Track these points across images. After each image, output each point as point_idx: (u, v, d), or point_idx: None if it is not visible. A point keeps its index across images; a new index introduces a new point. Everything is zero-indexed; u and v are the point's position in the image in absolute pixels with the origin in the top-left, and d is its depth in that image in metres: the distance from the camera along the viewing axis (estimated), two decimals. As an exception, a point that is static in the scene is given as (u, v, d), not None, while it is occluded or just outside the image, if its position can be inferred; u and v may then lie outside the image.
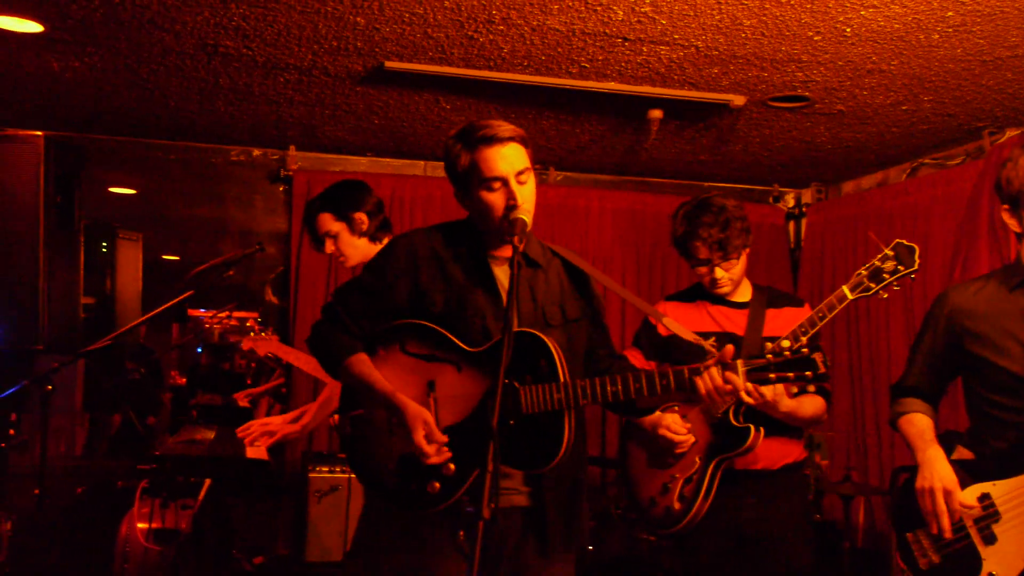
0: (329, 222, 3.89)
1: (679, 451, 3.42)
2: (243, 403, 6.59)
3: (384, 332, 2.80)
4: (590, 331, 2.84)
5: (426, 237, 2.83)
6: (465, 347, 2.67)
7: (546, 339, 2.57)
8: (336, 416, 4.16)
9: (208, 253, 6.75)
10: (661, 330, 3.62)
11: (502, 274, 2.75)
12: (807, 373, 2.43)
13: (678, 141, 6.10)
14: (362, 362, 2.76)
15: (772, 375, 2.44)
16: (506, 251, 2.75)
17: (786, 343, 2.48)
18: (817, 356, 2.43)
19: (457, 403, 2.66)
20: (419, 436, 2.59)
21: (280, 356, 5.13)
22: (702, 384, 2.49)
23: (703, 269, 3.51)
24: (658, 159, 6.67)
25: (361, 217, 3.86)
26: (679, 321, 3.52)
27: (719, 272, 3.48)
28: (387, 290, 2.77)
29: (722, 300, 3.59)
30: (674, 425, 3.38)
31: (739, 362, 2.49)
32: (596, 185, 7.19)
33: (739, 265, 3.50)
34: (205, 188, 6.77)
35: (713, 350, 2.57)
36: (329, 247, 3.92)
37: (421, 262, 2.77)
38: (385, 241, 3.93)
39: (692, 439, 3.41)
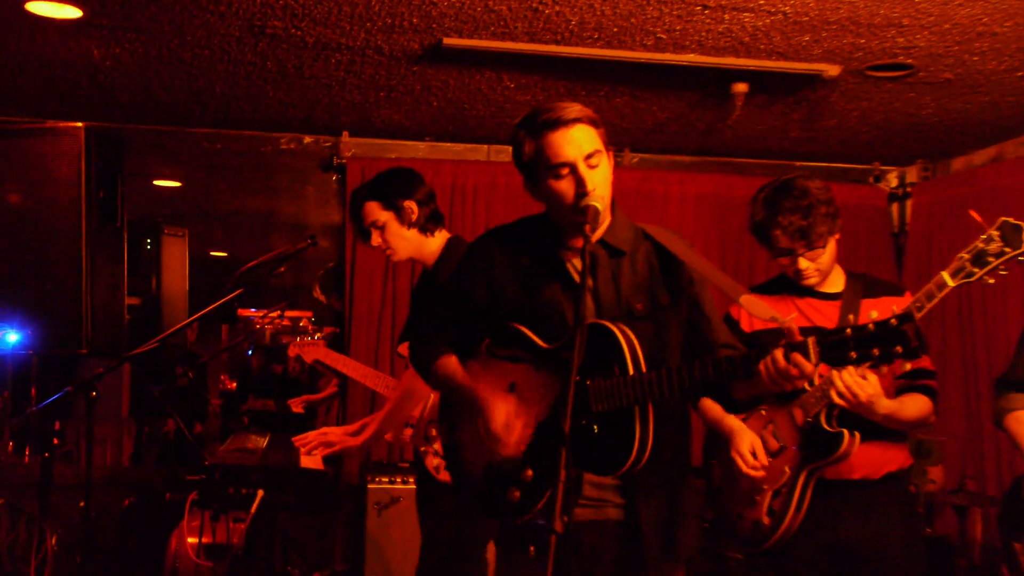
0: (376, 211, 3.93)
1: (749, 479, 3.41)
2: (297, 409, 6.69)
3: (470, 336, 2.90)
4: (689, 319, 2.83)
5: (499, 236, 2.89)
6: (543, 344, 2.71)
7: (613, 328, 2.57)
8: (407, 431, 4.21)
9: (257, 248, 6.87)
10: (744, 324, 3.59)
11: (577, 264, 2.77)
12: (896, 348, 2.21)
13: (766, 117, 6.04)
14: (448, 363, 2.88)
15: (852, 353, 2.27)
16: (579, 241, 2.76)
17: (875, 314, 2.36)
18: (908, 328, 2.20)
19: (535, 404, 2.69)
20: (497, 422, 2.65)
21: (328, 364, 5.20)
22: (764, 368, 2.44)
23: (785, 260, 3.48)
24: (744, 137, 6.60)
25: (411, 206, 3.90)
26: (767, 314, 3.49)
27: (803, 262, 3.43)
28: (467, 296, 2.87)
29: (810, 291, 3.55)
30: (748, 455, 3.36)
31: (810, 340, 2.37)
32: (675, 167, 7.14)
33: (826, 254, 3.45)
34: (254, 179, 6.88)
35: (792, 327, 2.50)
36: (376, 239, 3.96)
37: (496, 261, 2.83)
38: (436, 234, 3.97)
39: (762, 473, 3.38)
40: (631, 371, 2.54)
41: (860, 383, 3.17)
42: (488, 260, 2.84)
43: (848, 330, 2.27)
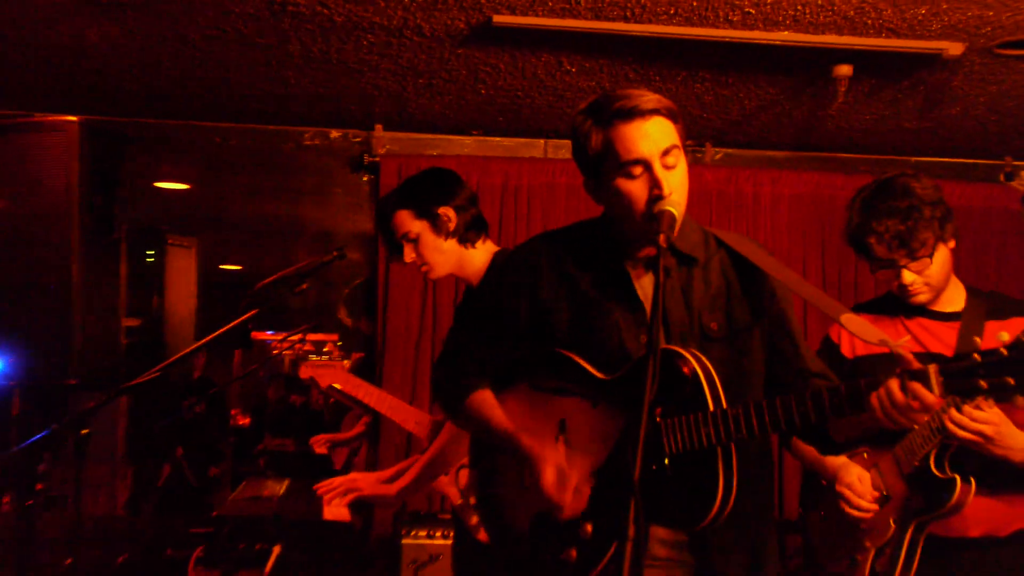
0: (408, 221, 3.94)
1: (858, 523, 3.38)
2: (320, 450, 6.73)
3: (509, 365, 2.89)
4: (771, 342, 2.82)
5: (548, 243, 2.89)
6: (598, 375, 2.70)
7: (687, 354, 2.57)
8: (443, 478, 4.21)
9: (277, 261, 6.92)
10: (845, 350, 3.56)
11: (646, 282, 2.76)
12: None
13: (874, 105, 6.00)
14: (483, 401, 2.87)
15: (982, 383, 2.25)
16: (650, 252, 2.76)
17: (1005, 336, 2.28)
18: None
19: (592, 446, 2.68)
20: (548, 481, 2.63)
21: (348, 392, 5.19)
22: (877, 401, 2.41)
23: (886, 273, 3.46)
24: (848, 129, 6.56)
25: (447, 213, 3.91)
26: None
27: (907, 275, 3.41)
28: (506, 315, 2.86)
29: (922, 310, 3.53)
30: (856, 484, 3.33)
31: (932, 368, 2.35)
32: (766, 165, 7.11)
33: (936, 264, 3.42)
34: (272, 181, 6.94)
35: (905, 353, 2.46)
36: (409, 254, 3.96)
37: (542, 274, 2.83)
38: (479, 244, 3.98)
39: (871, 511, 3.35)
40: (711, 406, 2.53)
41: (982, 416, 3.14)
42: (534, 272, 2.84)
43: (976, 355, 2.24)
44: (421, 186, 3.98)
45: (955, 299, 3.55)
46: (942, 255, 3.44)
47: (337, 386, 5.23)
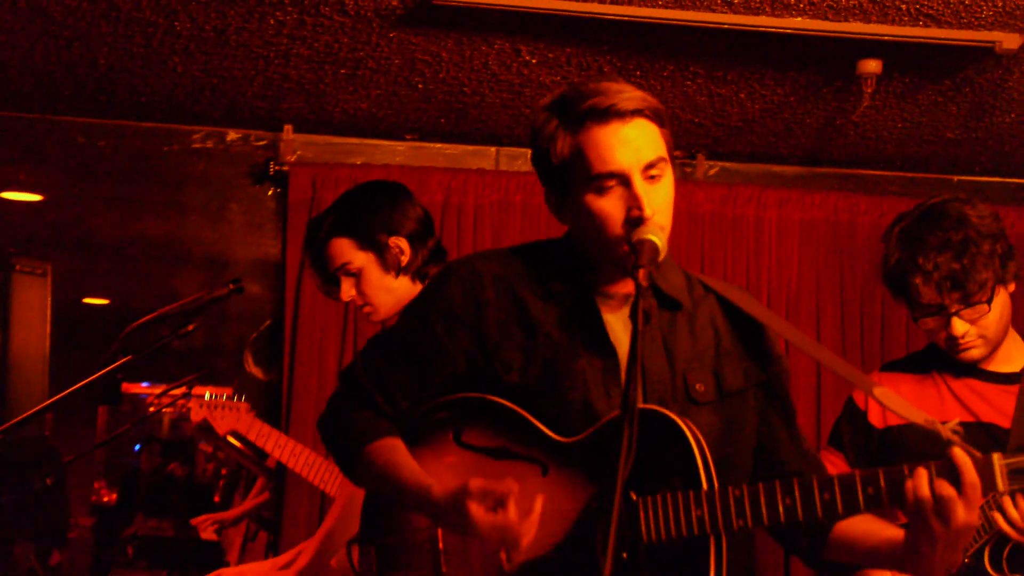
0: (348, 251, 3.92)
1: None
2: (207, 534, 6.67)
3: (430, 412, 2.82)
4: (764, 414, 2.83)
5: (498, 264, 2.83)
6: (555, 436, 2.66)
7: (680, 421, 2.55)
8: (334, 560, 4.17)
9: (156, 295, 6.88)
10: (874, 418, 3.57)
11: (618, 323, 2.73)
12: None
13: (908, 110, 6.04)
14: (392, 449, 2.77)
15: None
16: (626, 286, 2.74)
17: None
18: None
19: (539, 527, 2.65)
20: (479, 517, 2.46)
21: (254, 441, 5.13)
22: (911, 490, 2.39)
23: (932, 322, 3.47)
24: (875, 140, 6.61)
25: (398, 244, 3.90)
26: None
27: (959, 325, 3.42)
28: (436, 348, 2.80)
29: (974, 370, 3.54)
30: None
31: (995, 456, 2.36)
32: (772, 182, 7.16)
33: (995, 312, 3.43)
34: (151, 192, 6.90)
35: (953, 435, 2.48)
36: (347, 291, 3.95)
37: (489, 304, 2.77)
38: None
39: None
40: (704, 483, 2.52)
41: None
42: (479, 296, 2.78)
43: None
44: (365, 207, 3.96)
45: (1014, 356, 3.57)
46: (1002, 300, 3.45)
47: (241, 433, 5.17)
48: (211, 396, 5.46)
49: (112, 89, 6.13)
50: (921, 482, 2.38)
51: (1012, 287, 3.48)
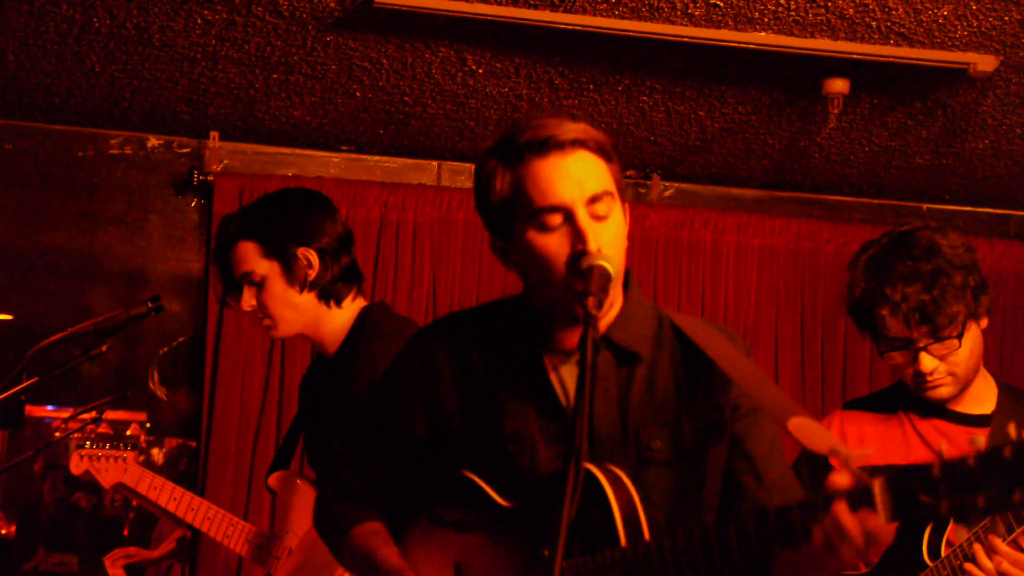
0: (253, 258, 3.91)
1: None
2: (114, 570, 6.63)
3: (407, 492, 2.89)
4: (730, 464, 2.81)
5: (450, 332, 2.87)
6: (500, 502, 2.69)
7: (598, 473, 2.56)
8: None
9: (65, 312, 6.82)
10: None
11: (568, 375, 2.75)
12: None
13: (876, 133, 6.10)
14: (371, 534, 2.85)
15: (979, 499, 2.16)
16: (577, 335, 2.69)
17: (980, 439, 2.29)
18: None
19: None
20: None
21: (142, 492, 5.05)
22: (818, 529, 2.35)
23: (898, 356, 3.48)
24: (840, 164, 6.66)
25: (308, 256, 3.89)
26: (870, 444, 3.51)
27: (927, 361, 3.42)
28: (401, 427, 2.86)
29: (942, 410, 3.56)
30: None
31: (877, 482, 2.31)
32: (731, 205, 7.21)
33: (966, 348, 3.44)
34: (62, 201, 6.85)
35: (848, 464, 2.45)
36: (248, 300, 3.93)
37: (442, 379, 2.81)
38: (346, 304, 3.97)
39: None
40: (623, 541, 2.52)
41: (1020, 559, 3.20)
42: (431, 369, 2.82)
43: (936, 468, 2.23)
44: (277, 212, 3.95)
45: (984, 398, 3.59)
46: (973, 336, 3.46)
47: (129, 486, 5.10)
48: (91, 445, 5.36)
49: (21, 88, 6.10)
50: (843, 514, 2.33)
51: (985, 323, 3.49)
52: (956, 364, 3.45)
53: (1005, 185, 6.89)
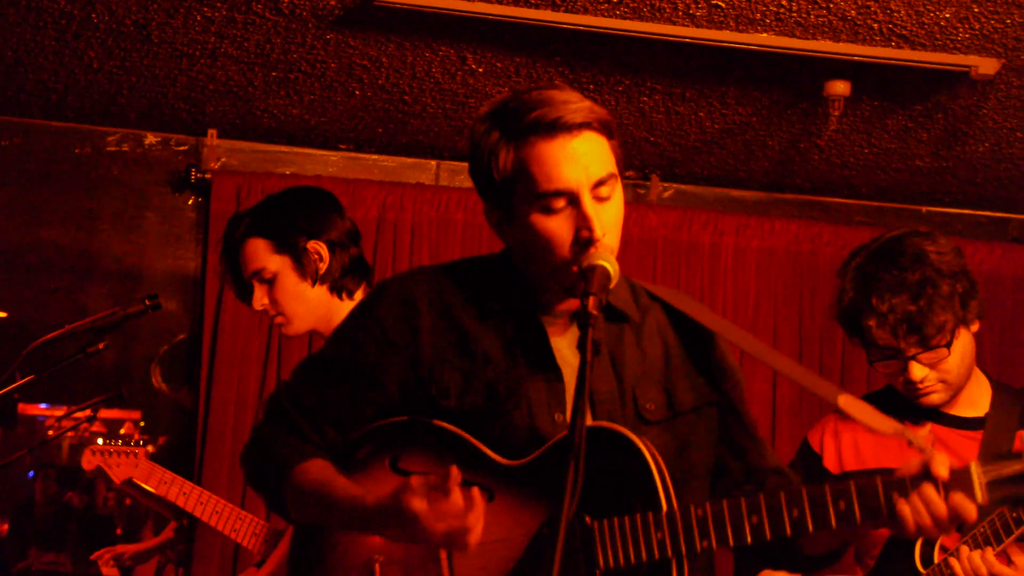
0: (263, 255, 3.93)
1: None
2: (108, 569, 6.63)
3: (363, 439, 2.82)
4: (722, 428, 2.84)
5: (433, 284, 2.84)
6: (501, 460, 2.68)
7: (636, 440, 2.57)
8: None
9: (61, 309, 6.82)
10: (829, 462, 3.62)
11: (564, 344, 2.76)
12: None
13: (877, 135, 6.11)
14: (321, 469, 2.76)
15: None
16: (571, 304, 2.75)
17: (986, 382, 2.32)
18: None
19: (486, 554, 2.64)
20: (422, 510, 2.43)
21: (155, 491, 5.08)
22: (909, 509, 2.40)
23: (888, 366, 3.50)
24: (840, 166, 6.68)
25: (318, 249, 3.91)
26: (864, 448, 3.53)
27: (917, 370, 3.44)
28: (367, 374, 2.80)
29: (936, 414, 3.57)
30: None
31: (973, 466, 2.37)
32: (731, 207, 7.22)
33: (956, 355, 3.46)
34: (58, 198, 6.84)
35: (926, 447, 2.48)
36: (260, 299, 3.95)
37: (423, 327, 2.78)
38: (358, 294, 3.98)
39: None
40: (663, 504, 2.54)
41: (1005, 571, 3.19)
42: (412, 315, 2.79)
43: None
44: (285, 209, 3.97)
45: (978, 400, 3.60)
46: (964, 343, 3.47)
47: (138, 482, 5.11)
48: (105, 441, 5.39)
49: (20, 84, 6.09)
50: (932, 496, 2.37)
51: (976, 326, 3.49)
52: (947, 371, 3.47)
53: (1005, 188, 6.91)
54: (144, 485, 5.07)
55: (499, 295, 2.80)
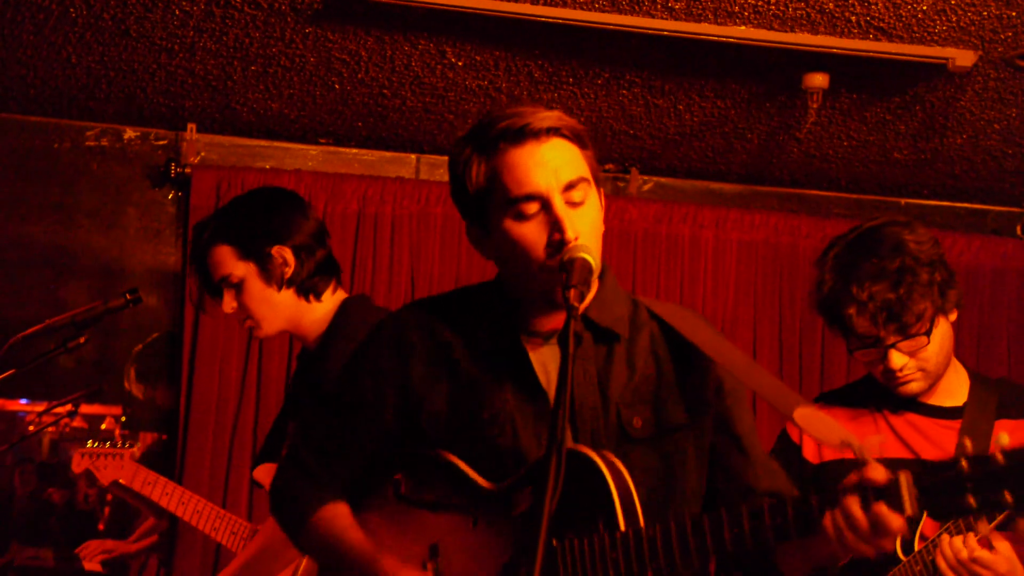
0: (229, 261, 3.95)
1: None
2: (92, 565, 6.61)
3: (370, 471, 2.87)
4: (715, 448, 2.83)
5: (423, 312, 2.89)
6: (483, 484, 2.70)
7: (596, 458, 2.57)
8: None
9: (39, 305, 6.81)
10: (809, 453, 3.62)
11: (549, 361, 2.76)
12: None
13: (855, 128, 6.14)
14: (334, 519, 2.84)
15: (971, 499, 2.25)
16: (555, 321, 2.75)
17: (1005, 438, 2.28)
18: None
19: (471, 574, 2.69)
20: None
21: (139, 491, 5.09)
22: (831, 523, 2.39)
23: (867, 353, 3.50)
24: (819, 158, 6.70)
25: (283, 254, 3.92)
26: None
27: (896, 358, 3.45)
28: (366, 408, 2.86)
29: (914, 403, 3.58)
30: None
31: (902, 476, 2.34)
32: (710, 200, 7.24)
33: (935, 343, 3.47)
34: (36, 193, 6.83)
35: (868, 456, 2.47)
36: (228, 303, 3.98)
37: (413, 354, 2.83)
38: (325, 297, 4.01)
39: None
40: (622, 525, 2.54)
41: (986, 557, 3.19)
42: (403, 350, 2.84)
43: (963, 462, 2.27)
44: (248, 214, 3.99)
45: (956, 389, 3.61)
46: (942, 331, 3.48)
47: (124, 483, 5.14)
48: (93, 444, 5.43)
49: (-4, 80, 6.10)
50: (854, 507, 2.36)
51: (954, 316, 3.50)
52: (926, 360, 3.48)
53: (983, 180, 6.93)
54: (130, 486, 5.10)
55: (486, 320, 2.83)
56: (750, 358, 2.83)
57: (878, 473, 2.37)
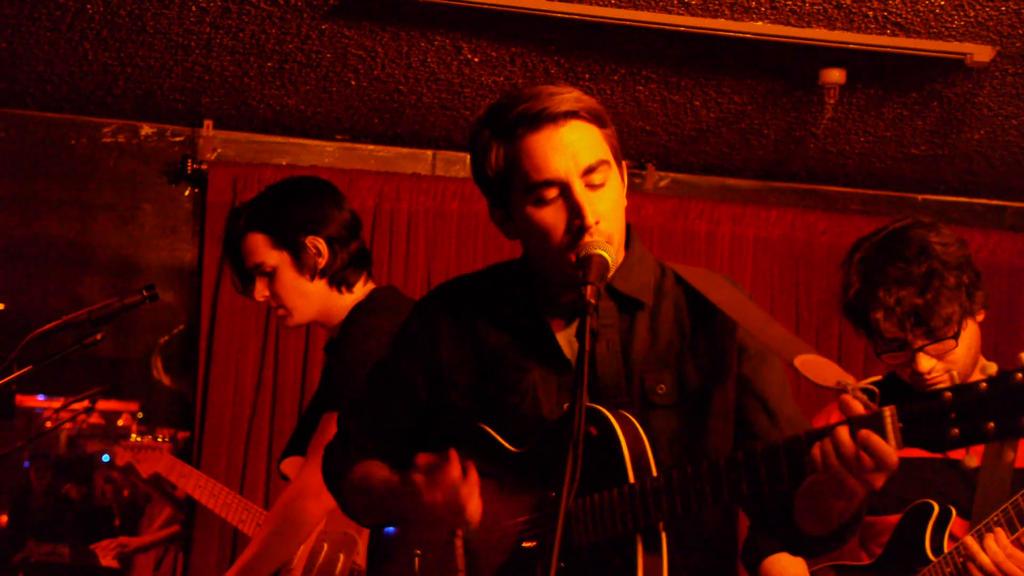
0: (262, 249, 3.96)
1: None
2: (108, 561, 6.62)
3: (411, 445, 2.90)
4: (741, 412, 2.82)
5: (450, 293, 2.95)
6: (508, 448, 2.75)
7: (608, 414, 2.60)
8: None
9: (57, 301, 6.82)
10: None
11: (572, 333, 2.75)
12: None
13: (872, 124, 6.12)
14: (366, 469, 2.93)
15: (954, 430, 2.24)
16: (575, 295, 2.72)
17: (993, 367, 2.31)
18: None
19: (496, 541, 2.71)
20: (437, 503, 2.65)
21: (176, 482, 5.16)
22: (820, 454, 2.39)
23: (895, 356, 3.50)
24: (835, 154, 6.69)
25: (317, 245, 3.93)
26: None
27: (925, 361, 3.43)
28: (402, 385, 2.93)
29: None
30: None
31: (887, 408, 2.35)
32: (727, 196, 7.23)
33: (963, 346, 3.44)
34: (53, 189, 6.84)
35: (858, 394, 2.46)
36: (260, 291, 3.99)
37: (441, 332, 2.88)
38: (358, 287, 4.03)
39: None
40: (631, 479, 2.56)
41: (1020, 554, 3.19)
42: (431, 331, 2.88)
43: (947, 393, 2.24)
44: (284, 204, 4.00)
45: None
46: (970, 333, 3.46)
47: (163, 475, 5.23)
48: (135, 438, 5.53)
49: (14, 75, 6.09)
50: (842, 436, 2.36)
51: (981, 316, 3.49)
52: (954, 362, 3.45)
53: (1000, 176, 6.91)
54: (167, 478, 5.19)
55: (511, 295, 2.86)
56: (767, 315, 2.83)
57: (857, 404, 2.39)
